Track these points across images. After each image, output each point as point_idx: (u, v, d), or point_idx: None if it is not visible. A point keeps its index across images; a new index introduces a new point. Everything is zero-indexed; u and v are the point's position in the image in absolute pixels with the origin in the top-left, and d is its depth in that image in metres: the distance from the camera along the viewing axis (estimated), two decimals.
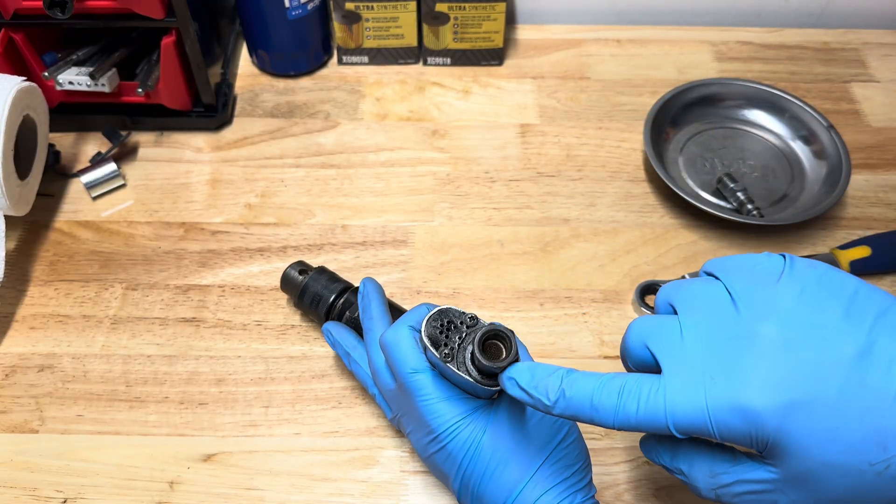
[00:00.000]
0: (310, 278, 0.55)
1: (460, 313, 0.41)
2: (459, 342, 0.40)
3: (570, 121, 0.73)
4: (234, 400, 0.54)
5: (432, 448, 0.43)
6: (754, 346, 0.33)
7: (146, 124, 0.70)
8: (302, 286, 0.55)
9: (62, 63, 0.65)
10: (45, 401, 0.54)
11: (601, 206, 0.66)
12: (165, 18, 0.61)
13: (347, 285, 0.55)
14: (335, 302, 0.54)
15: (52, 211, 0.65)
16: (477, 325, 0.41)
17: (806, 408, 0.31)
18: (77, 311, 0.59)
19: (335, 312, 0.54)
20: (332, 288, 0.54)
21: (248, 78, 0.76)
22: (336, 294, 0.54)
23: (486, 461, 0.41)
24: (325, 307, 0.54)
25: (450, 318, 0.41)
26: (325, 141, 0.71)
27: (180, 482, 0.50)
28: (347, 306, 0.53)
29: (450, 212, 0.65)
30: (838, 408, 0.31)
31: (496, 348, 0.39)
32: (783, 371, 0.32)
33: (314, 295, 0.54)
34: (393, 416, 0.47)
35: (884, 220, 0.65)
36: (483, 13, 0.73)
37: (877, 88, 0.76)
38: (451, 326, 0.41)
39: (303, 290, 0.55)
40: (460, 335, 0.40)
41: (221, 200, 0.66)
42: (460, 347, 0.40)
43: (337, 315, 0.53)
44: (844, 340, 0.32)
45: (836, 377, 0.31)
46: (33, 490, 0.50)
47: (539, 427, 0.41)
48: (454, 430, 0.41)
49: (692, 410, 0.33)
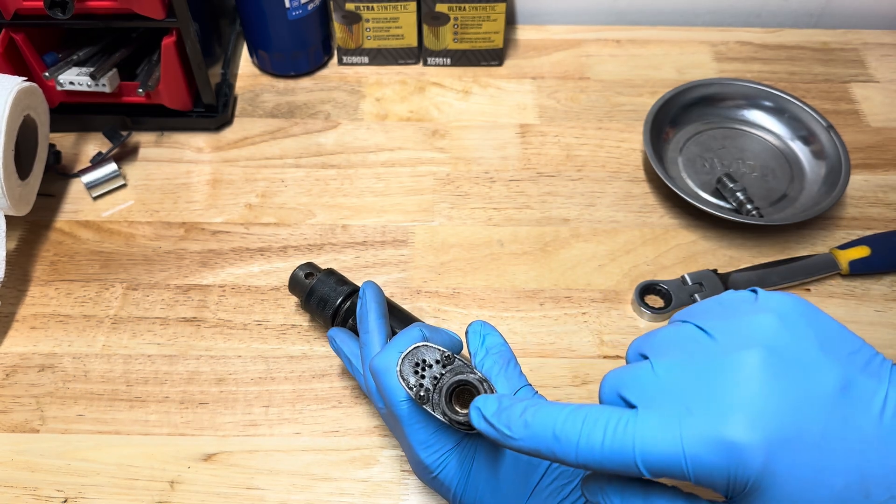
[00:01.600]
0: (317, 280, 0.55)
1: (435, 350, 0.40)
2: (435, 382, 0.39)
3: (569, 121, 0.73)
4: (235, 400, 0.54)
5: (424, 475, 0.43)
6: (735, 375, 0.29)
7: (147, 124, 0.71)
8: (309, 289, 0.55)
9: (63, 63, 0.65)
10: (46, 400, 0.54)
11: (601, 206, 0.66)
12: (166, 19, 0.62)
13: (354, 288, 0.55)
14: (341, 306, 0.54)
15: (53, 211, 0.65)
16: (453, 364, 0.40)
17: (793, 445, 0.28)
18: (78, 310, 0.59)
19: (341, 316, 0.54)
20: (338, 291, 0.54)
21: (249, 78, 0.76)
22: (342, 297, 0.54)
23: (479, 489, 0.41)
24: (330, 310, 0.54)
25: (424, 357, 0.40)
26: (325, 141, 0.71)
27: (181, 482, 0.51)
28: (353, 311, 0.53)
29: (450, 212, 0.66)
30: (823, 447, 0.28)
31: (469, 393, 0.38)
32: (769, 402, 0.28)
33: (321, 298, 0.54)
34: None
35: (883, 220, 0.65)
36: (483, 13, 0.73)
37: (876, 88, 0.76)
38: (425, 365, 0.40)
39: (310, 292, 0.55)
40: (435, 375, 0.40)
41: (222, 200, 0.66)
42: (436, 388, 0.39)
43: (342, 319, 0.53)
44: (825, 374, 0.29)
45: (821, 412, 0.28)
46: (34, 490, 0.50)
47: None
48: (444, 461, 0.41)
49: (665, 445, 0.28)
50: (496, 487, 0.41)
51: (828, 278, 0.61)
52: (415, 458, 0.43)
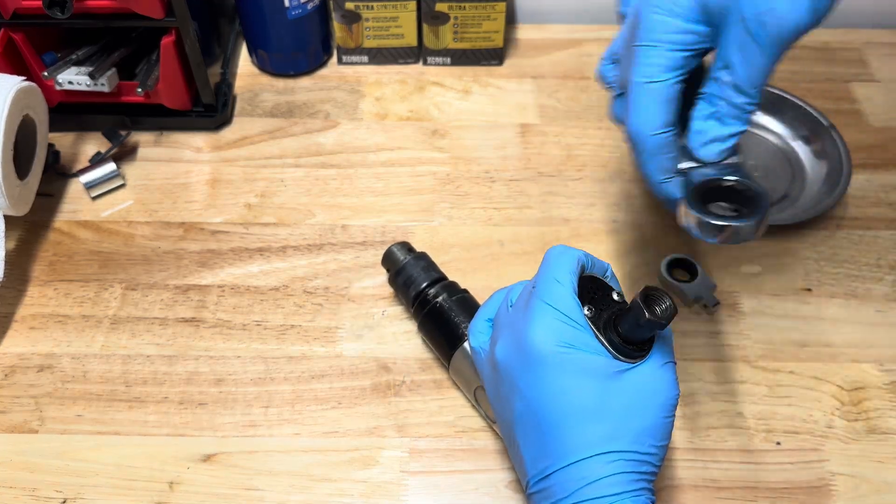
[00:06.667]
0: (412, 257, 0.56)
1: (605, 285, 0.41)
2: (603, 309, 0.39)
3: (570, 121, 0.73)
4: (234, 400, 0.54)
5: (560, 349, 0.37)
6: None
7: (146, 124, 0.70)
8: (401, 266, 0.56)
9: (62, 63, 0.65)
10: (45, 401, 0.54)
11: (601, 206, 0.66)
12: (165, 18, 0.61)
13: (441, 277, 0.56)
14: (426, 289, 0.55)
15: (52, 211, 0.65)
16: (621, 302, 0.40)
17: None
18: (77, 311, 0.59)
19: (420, 299, 0.55)
20: (424, 276, 0.55)
21: (248, 78, 0.76)
22: (429, 282, 0.55)
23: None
24: (415, 291, 0.55)
25: (599, 286, 0.40)
26: (324, 141, 0.71)
27: (180, 482, 0.50)
28: (434, 298, 0.54)
29: (450, 212, 0.65)
30: None
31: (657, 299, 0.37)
32: None
33: (408, 277, 0.56)
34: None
35: (884, 220, 0.65)
36: (483, 13, 0.73)
37: (877, 88, 0.76)
38: (598, 293, 0.40)
39: (400, 269, 0.56)
40: (605, 304, 0.39)
41: (221, 200, 0.66)
42: (602, 314, 0.39)
43: (421, 303, 0.55)
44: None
45: None
46: (33, 490, 0.50)
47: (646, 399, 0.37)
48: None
49: None
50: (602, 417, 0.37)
51: (828, 278, 0.61)
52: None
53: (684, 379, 0.56)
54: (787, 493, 0.50)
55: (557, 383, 0.36)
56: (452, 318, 0.53)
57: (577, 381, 0.36)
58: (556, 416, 0.36)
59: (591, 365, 0.36)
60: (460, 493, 0.50)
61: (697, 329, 0.58)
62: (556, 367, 0.36)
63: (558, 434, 0.36)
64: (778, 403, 0.55)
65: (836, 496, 0.50)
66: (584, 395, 0.36)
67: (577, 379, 0.36)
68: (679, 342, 0.58)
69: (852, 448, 0.53)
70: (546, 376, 0.37)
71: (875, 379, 0.56)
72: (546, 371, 0.37)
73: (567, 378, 0.36)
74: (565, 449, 0.36)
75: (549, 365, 0.36)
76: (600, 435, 0.35)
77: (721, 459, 0.52)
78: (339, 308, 0.59)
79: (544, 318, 0.37)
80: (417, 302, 0.55)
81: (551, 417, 0.36)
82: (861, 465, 0.52)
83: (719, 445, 0.52)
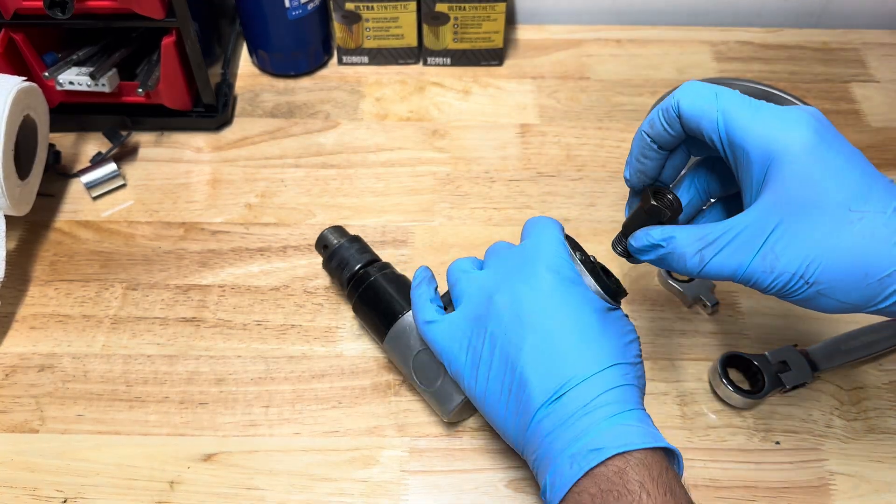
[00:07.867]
0: (341, 245, 0.57)
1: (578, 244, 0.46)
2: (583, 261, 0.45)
3: (570, 121, 0.73)
4: (235, 400, 0.54)
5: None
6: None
7: (146, 124, 0.70)
8: (333, 249, 0.57)
9: (62, 63, 0.65)
10: (46, 401, 0.54)
11: (601, 206, 0.66)
12: (165, 18, 0.61)
13: (375, 258, 0.57)
14: (359, 271, 0.56)
15: (53, 211, 0.65)
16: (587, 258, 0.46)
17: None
18: (77, 310, 0.59)
19: (355, 281, 0.55)
20: (358, 258, 0.56)
21: (248, 78, 0.76)
22: (362, 264, 0.56)
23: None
24: (348, 273, 0.56)
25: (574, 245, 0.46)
26: (325, 141, 0.71)
27: (180, 482, 0.50)
28: (367, 278, 0.55)
29: (450, 212, 0.66)
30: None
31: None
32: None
33: (341, 259, 0.56)
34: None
35: None
36: (483, 13, 0.73)
37: (876, 88, 0.76)
38: (576, 251, 0.45)
39: (333, 252, 0.57)
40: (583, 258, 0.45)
41: (221, 200, 0.66)
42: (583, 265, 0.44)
43: (357, 281, 0.55)
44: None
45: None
46: (33, 490, 0.50)
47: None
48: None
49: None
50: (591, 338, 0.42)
51: None
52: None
53: (684, 379, 0.56)
54: (787, 493, 0.51)
55: (570, 311, 0.42)
56: (390, 290, 0.54)
57: (586, 308, 0.42)
58: (572, 339, 0.41)
59: (591, 297, 0.43)
60: (460, 492, 0.50)
61: (697, 329, 0.59)
62: (568, 297, 0.43)
63: (575, 354, 0.41)
64: (777, 403, 0.55)
65: (835, 496, 0.51)
66: (593, 320, 0.42)
67: (585, 306, 0.42)
68: (679, 342, 0.58)
69: (851, 448, 0.53)
70: (561, 306, 0.42)
71: (874, 379, 0.56)
72: (558, 301, 0.43)
73: (578, 307, 0.42)
74: (584, 363, 0.40)
75: (561, 294, 0.43)
76: (608, 351, 0.41)
77: (721, 459, 0.52)
78: (339, 308, 0.59)
79: (553, 259, 0.44)
80: (354, 280, 0.55)
81: (569, 339, 0.41)
82: (860, 464, 0.52)
83: (719, 445, 0.53)
